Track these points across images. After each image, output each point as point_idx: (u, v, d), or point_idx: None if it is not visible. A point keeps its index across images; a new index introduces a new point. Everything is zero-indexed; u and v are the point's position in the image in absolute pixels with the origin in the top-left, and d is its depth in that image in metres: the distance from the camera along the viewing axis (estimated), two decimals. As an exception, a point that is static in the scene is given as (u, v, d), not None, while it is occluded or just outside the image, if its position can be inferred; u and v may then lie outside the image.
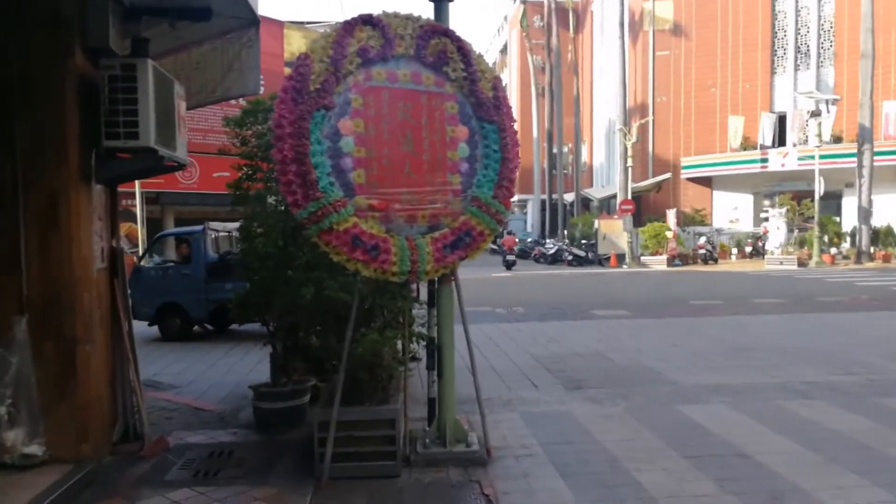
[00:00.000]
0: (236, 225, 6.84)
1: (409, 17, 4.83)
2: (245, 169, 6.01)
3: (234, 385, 7.46)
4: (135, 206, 20.16)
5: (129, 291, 11.23)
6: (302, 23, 27.91)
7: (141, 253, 14.95)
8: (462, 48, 4.96)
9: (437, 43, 4.88)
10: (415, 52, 4.80)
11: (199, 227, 11.11)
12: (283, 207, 5.93)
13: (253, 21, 5.95)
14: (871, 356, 8.22)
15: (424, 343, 5.27)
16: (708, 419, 5.69)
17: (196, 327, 11.34)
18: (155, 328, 11.18)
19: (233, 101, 9.34)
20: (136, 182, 19.71)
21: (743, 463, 4.68)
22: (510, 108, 5.18)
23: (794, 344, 9.21)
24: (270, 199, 6.07)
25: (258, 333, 7.82)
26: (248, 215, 6.04)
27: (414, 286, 5.82)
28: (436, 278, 4.97)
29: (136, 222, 20.23)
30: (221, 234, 11.20)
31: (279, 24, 24.25)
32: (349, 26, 4.56)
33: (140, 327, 11.58)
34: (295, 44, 24.40)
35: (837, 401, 6.23)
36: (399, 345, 5.10)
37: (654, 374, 7.47)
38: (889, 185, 29.17)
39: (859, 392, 6.54)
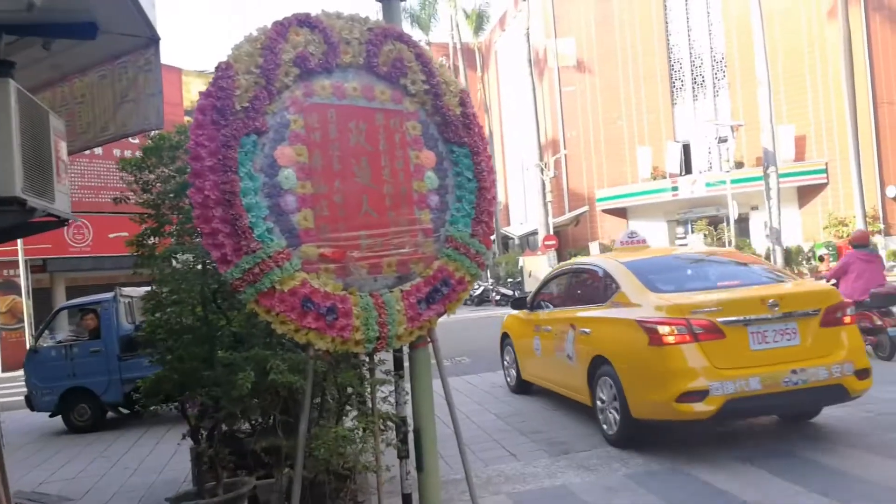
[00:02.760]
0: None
1: (354, 19, 3.86)
2: (149, 221, 4.82)
3: (146, 490, 6.07)
4: (17, 275, 18.03)
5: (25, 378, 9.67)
6: (202, 71, 26.50)
7: (35, 330, 13.02)
8: (421, 56, 4.03)
9: (390, 49, 3.92)
10: (365, 60, 3.82)
11: (108, 295, 9.53)
12: (199, 266, 4.78)
13: (151, 39, 4.82)
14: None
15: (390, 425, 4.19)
16: (728, 482, 4.82)
17: (110, 413, 9.69)
18: (58, 419, 9.47)
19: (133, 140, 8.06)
20: (19, 247, 17.69)
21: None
22: (481, 127, 4.26)
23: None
24: (183, 257, 4.90)
25: (171, 416, 6.49)
26: (156, 279, 4.83)
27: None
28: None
29: (20, 294, 18.06)
30: (136, 299, 9.54)
31: (177, 71, 22.80)
32: (282, 28, 3.54)
33: (40, 420, 9.96)
34: (195, 91, 23.00)
35: (857, 444, 5.53)
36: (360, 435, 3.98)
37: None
38: (790, 206, 30.23)
39: (867, 430, 5.88)
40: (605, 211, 34.67)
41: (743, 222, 31.22)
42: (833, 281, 9.56)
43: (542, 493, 4.98)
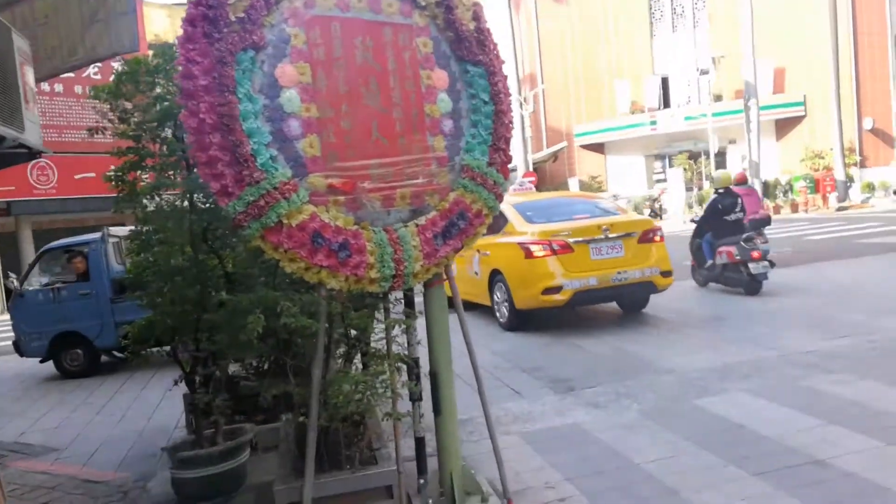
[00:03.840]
0: None
1: (355, -82, 3.42)
2: (129, 154, 4.41)
3: (136, 438, 5.82)
4: (-18, 219, 17.35)
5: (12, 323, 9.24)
6: (163, 4, 25.17)
7: (4, 275, 12.46)
8: (430, -37, 3.61)
9: (397, -45, 3.51)
10: (369, -34, 3.40)
11: (95, 235, 9.05)
12: (186, 203, 4.41)
13: (121, -51, 4.33)
14: (850, 313, 7.62)
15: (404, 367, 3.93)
16: (744, 416, 4.70)
17: (104, 357, 9.36)
18: (50, 365, 9.12)
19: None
20: (-18, 191, 16.97)
21: (829, 474, 3.69)
22: (496, 44, 3.88)
23: (759, 307, 8.53)
24: (168, 196, 4.52)
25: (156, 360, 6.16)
26: (141, 217, 4.45)
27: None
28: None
29: (-15, 238, 17.40)
30: (124, 239, 9.07)
31: (137, 2, 21.61)
32: (277, -74, 3.11)
33: (30, 366, 9.61)
34: (159, 24, 21.91)
35: (859, 371, 5.43)
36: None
37: (642, 361, 6.46)
38: (768, 139, 30.16)
39: (871, 358, 5.80)
40: (583, 146, 34.34)
41: (720, 156, 31.16)
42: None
43: (555, 432, 4.82)
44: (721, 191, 10.44)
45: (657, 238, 8.38)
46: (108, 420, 6.58)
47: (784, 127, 31.14)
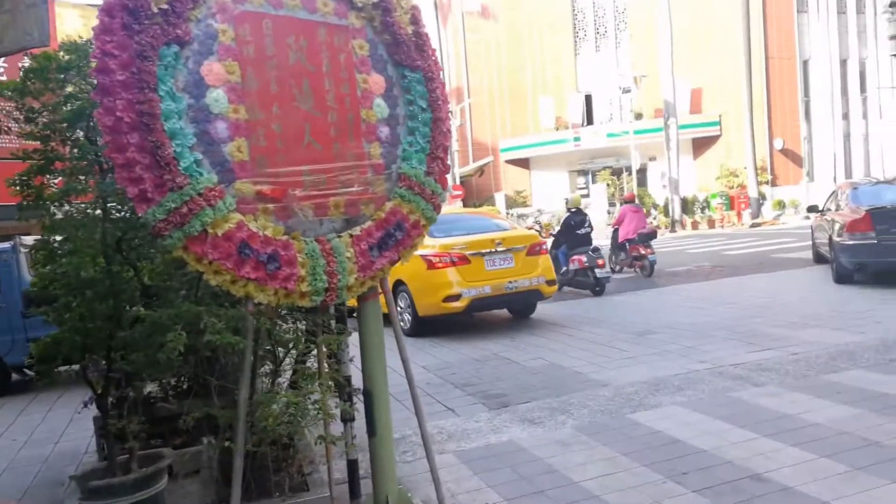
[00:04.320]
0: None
1: (289, -88, 3.25)
2: (35, 157, 4.05)
3: (41, 465, 5.38)
4: None
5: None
6: (76, 4, 24.04)
7: None
8: (367, -37, 3.47)
9: (333, -47, 3.35)
10: (304, -37, 3.24)
11: (5, 244, 8.36)
12: (97, 210, 4.09)
13: (29, -65, 4.01)
14: (770, 326, 7.85)
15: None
16: (677, 429, 4.71)
17: (14, 375, 8.63)
18: None
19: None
20: None
21: (768, 488, 3.69)
22: (434, 50, 3.77)
23: (685, 321, 8.69)
24: (79, 203, 4.18)
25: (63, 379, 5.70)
26: (48, 226, 4.10)
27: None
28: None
29: None
30: None
31: (49, 1, 20.56)
32: (204, -85, 2.90)
33: None
34: (69, 25, 20.89)
35: (787, 383, 5.57)
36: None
37: (575, 375, 6.45)
38: (685, 157, 31.26)
39: (796, 370, 5.95)
40: (508, 161, 34.75)
41: (641, 173, 32.10)
42: (616, 227, 14.51)
43: (491, 450, 4.70)
44: (573, 210, 12.65)
45: (542, 251, 9.62)
46: (11, 445, 6.07)
47: (701, 146, 32.38)
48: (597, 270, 11.52)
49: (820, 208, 12.75)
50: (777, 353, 6.63)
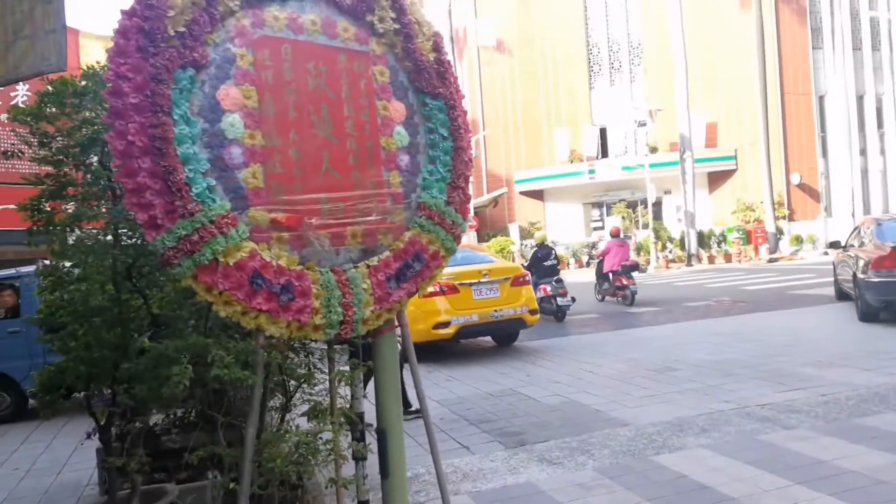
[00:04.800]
0: None
1: (310, -63, 3.19)
2: (48, 182, 3.99)
3: (42, 496, 5.23)
4: None
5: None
6: (100, 35, 24.43)
7: None
8: (390, -12, 3.40)
9: (355, -22, 3.28)
10: (325, -13, 3.17)
11: (29, 268, 8.30)
12: (109, 237, 4.01)
13: (49, -41, 3.98)
14: (796, 366, 7.60)
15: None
16: (705, 474, 4.49)
17: (32, 401, 8.50)
18: None
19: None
20: None
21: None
22: (457, 77, 3.69)
23: (707, 357, 8.46)
24: (90, 229, 4.10)
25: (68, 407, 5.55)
26: (57, 252, 4.01)
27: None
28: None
29: None
30: None
31: (74, 33, 20.86)
32: (225, -63, 2.84)
33: None
34: (93, 56, 21.18)
35: (818, 427, 5.34)
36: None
37: (596, 414, 6.24)
38: (700, 191, 31.09)
39: (827, 412, 5.71)
40: (522, 193, 34.69)
41: (656, 206, 31.92)
42: (601, 258, 15.70)
43: (507, 491, 4.51)
44: (539, 245, 14.22)
45: (526, 282, 10.16)
46: (12, 474, 5.93)
47: (716, 179, 32.20)
48: (558, 299, 12.77)
49: (842, 244, 12.51)
50: (806, 393, 6.39)
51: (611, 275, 15.03)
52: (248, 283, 2.74)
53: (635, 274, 15.32)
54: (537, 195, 34.83)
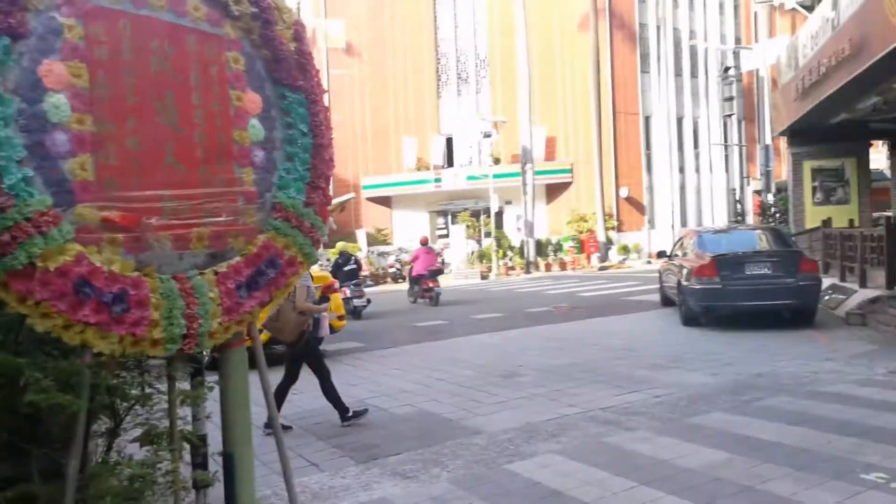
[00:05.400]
0: None
1: None
2: None
3: None
4: None
5: None
6: None
7: None
8: (246, -32, 3.11)
9: (207, -48, 2.96)
10: (172, -41, 2.82)
11: None
12: None
13: None
14: (632, 368, 8.02)
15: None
16: (557, 479, 4.54)
17: None
18: None
19: None
20: None
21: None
22: (318, 70, 3.45)
23: (551, 362, 8.72)
24: None
25: None
26: None
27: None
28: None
29: None
30: None
31: None
32: None
33: None
34: None
35: (655, 427, 5.61)
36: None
37: (448, 423, 6.17)
38: (539, 202, 32.51)
39: (661, 413, 6.04)
40: (370, 199, 34.54)
41: (498, 215, 32.89)
42: (411, 264, 17.97)
43: (362, 510, 4.30)
44: (339, 252, 15.46)
45: (334, 290, 10.59)
46: None
47: (554, 191, 33.78)
48: (355, 300, 14.56)
49: (668, 253, 13.46)
50: (642, 395, 6.72)
51: (420, 279, 17.17)
52: (73, 291, 2.36)
53: (441, 277, 17.88)
54: (385, 201, 34.84)
